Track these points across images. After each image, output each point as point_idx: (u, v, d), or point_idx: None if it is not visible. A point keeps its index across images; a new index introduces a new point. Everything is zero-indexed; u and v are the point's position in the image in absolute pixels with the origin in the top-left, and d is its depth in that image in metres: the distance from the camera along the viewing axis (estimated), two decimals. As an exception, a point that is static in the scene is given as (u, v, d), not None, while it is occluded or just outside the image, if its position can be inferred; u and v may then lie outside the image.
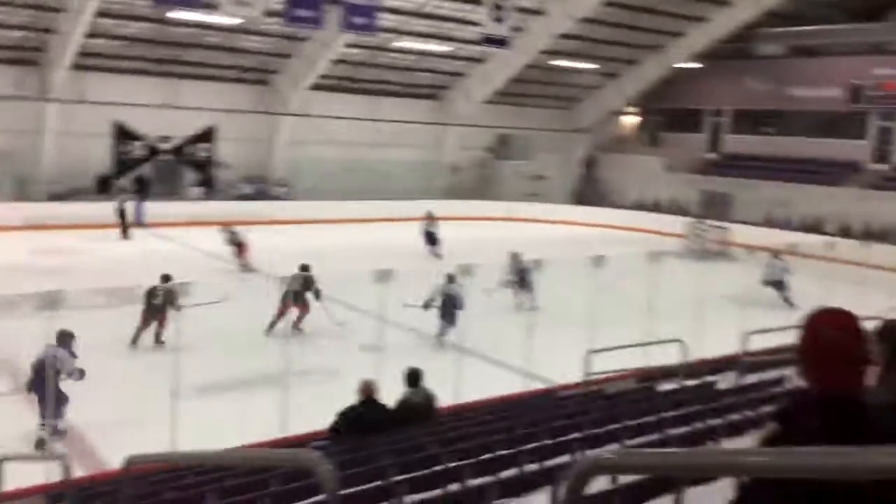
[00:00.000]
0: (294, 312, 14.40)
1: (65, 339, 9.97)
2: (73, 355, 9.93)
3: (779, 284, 18.07)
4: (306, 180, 29.95)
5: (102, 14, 23.30)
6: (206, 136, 29.14)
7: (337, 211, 28.51)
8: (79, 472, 8.06)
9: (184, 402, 9.59)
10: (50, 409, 9.61)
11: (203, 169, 29.37)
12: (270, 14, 23.18)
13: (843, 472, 1.55)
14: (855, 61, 30.65)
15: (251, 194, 29.35)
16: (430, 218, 24.02)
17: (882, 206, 27.31)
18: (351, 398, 8.44)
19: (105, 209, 24.36)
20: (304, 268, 15.00)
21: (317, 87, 29.07)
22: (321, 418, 8.48)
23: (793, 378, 7.34)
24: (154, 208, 25.75)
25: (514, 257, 17.73)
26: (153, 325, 13.42)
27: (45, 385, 9.51)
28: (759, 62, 33.62)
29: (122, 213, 24.23)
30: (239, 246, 20.05)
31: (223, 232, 20.38)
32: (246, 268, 19.73)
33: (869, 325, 2.69)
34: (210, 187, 29.26)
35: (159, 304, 13.30)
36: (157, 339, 13.41)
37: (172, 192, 28.25)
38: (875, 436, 1.88)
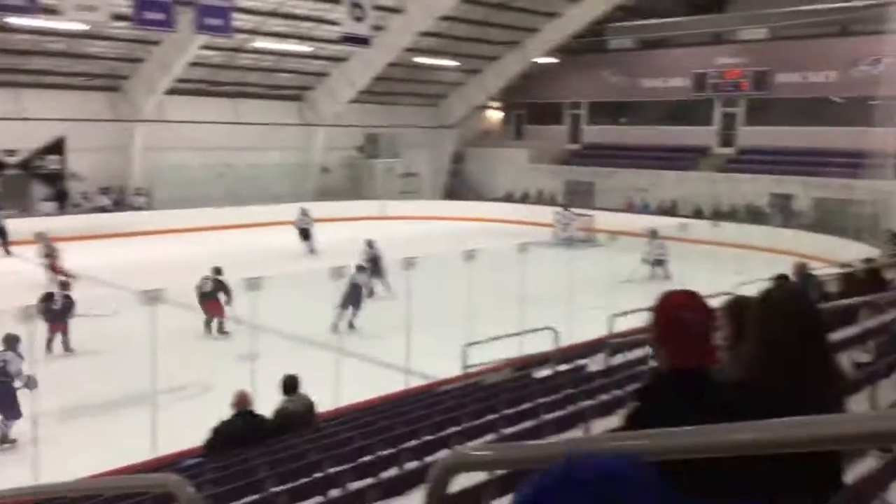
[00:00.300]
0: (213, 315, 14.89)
1: (10, 342, 10.01)
2: (21, 357, 9.93)
3: (660, 262, 19.70)
4: (168, 188, 28.84)
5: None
6: (56, 147, 27.50)
7: (202, 218, 27.59)
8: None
9: (46, 427, 9.09)
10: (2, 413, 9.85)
11: (54, 182, 27.71)
12: (118, 18, 22.12)
13: (693, 450, 1.60)
14: (698, 51, 32.53)
15: (109, 206, 27.98)
16: (305, 215, 24.42)
17: (729, 187, 29.22)
18: (226, 411, 8.23)
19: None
20: (217, 270, 15.25)
21: (173, 92, 28.01)
22: (196, 434, 8.24)
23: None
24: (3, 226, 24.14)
25: (369, 244, 18.52)
26: (57, 334, 13.60)
27: None
28: (611, 55, 35.08)
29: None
30: (53, 257, 19.02)
31: (38, 242, 19.40)
32: (63, 280, 18.72)
33: (719, 301, 2.84)
34: (63, 201, 27.67)
35: (58, 310, 13.46)
36: (66, 348, 13.64)
37: (22, 207, 26.52)
38: (723, 412, 1.96)
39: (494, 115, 39.90)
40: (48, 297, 13.50)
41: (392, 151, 34.49)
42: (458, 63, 33.94)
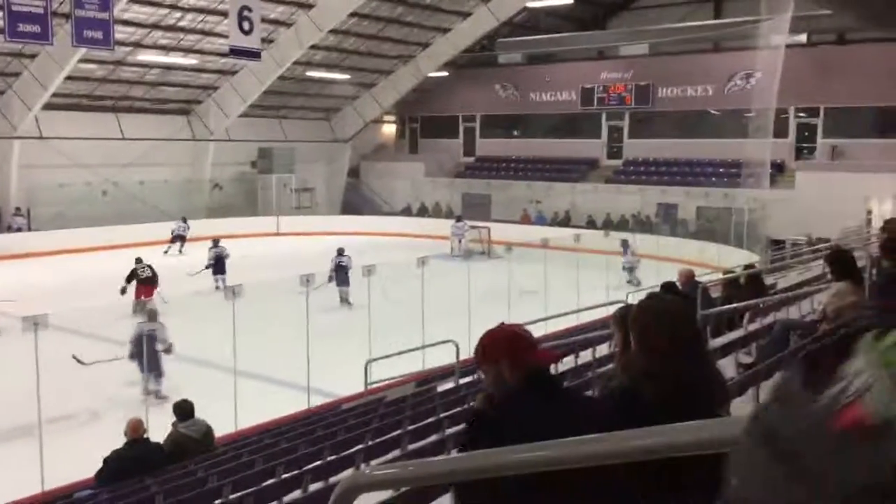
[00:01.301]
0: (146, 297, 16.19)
1: (153, 315, 12.34)
2: (164, 326, 12.06)
3: (632, 269, 21.52)
4: (48, 208, 27.46)
5: None
6: (-78, 165, 25.81)
7: (87, 239, 26.40)
8: None
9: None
10: (150, 373, 11.71)
11: (-79, 203, 25.98)
12: (-11, 29, 20.95)
13: (566, 462, 1.60)
14: (584, 66, 33.57)
15: (-16, 228, 26.47)
16: (184, 222, 26.53)
17: (617, 198, 30.28)
18: (118, 440, 7.91)
19: None
20: (139, 260, 17.33)
21: (52, 107, 26.73)
22: (87, 465, 7.88)
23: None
24: None
25: (214, 242, 20.09)
26: None
27: (143, 354, 11.49)
28: (502, 70, 35.73)
29: None
30: None
31: None
32: None
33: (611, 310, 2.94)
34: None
35: None
36: None
37: None
38: (602, 420, 1.98)
39: (390, 129, 39.93)
40: None
41: (287, 166, 33.93)
42: (349, 77, 33.82)
